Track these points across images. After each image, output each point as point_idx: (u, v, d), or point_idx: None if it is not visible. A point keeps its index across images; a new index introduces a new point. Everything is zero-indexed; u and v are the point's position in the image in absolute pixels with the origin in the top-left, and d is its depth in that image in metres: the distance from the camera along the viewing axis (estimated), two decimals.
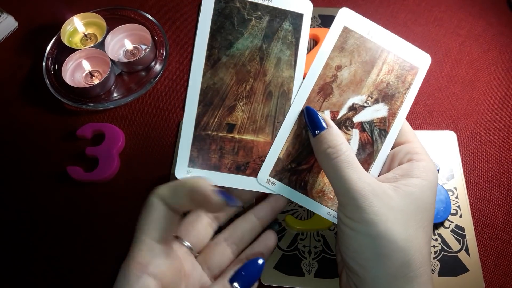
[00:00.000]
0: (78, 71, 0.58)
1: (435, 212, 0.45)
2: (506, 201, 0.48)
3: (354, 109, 0.36)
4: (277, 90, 0.35)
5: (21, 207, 0.51)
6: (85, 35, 0.60)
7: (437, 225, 0.46)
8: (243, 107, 0.35)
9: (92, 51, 0.57)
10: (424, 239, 0.30)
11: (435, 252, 0.45)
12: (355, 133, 0.36)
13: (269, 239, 0.37)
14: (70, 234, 0.49)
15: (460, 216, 0.47)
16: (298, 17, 0.36)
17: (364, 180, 0.30)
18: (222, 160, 0.35)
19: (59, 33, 0.59)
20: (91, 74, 0.57)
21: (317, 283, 0.44)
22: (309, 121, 0.34)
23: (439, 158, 0.49)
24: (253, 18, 0.35)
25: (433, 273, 0.44)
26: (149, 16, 0.61)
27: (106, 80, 0.55)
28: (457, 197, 0.47)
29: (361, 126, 0.36)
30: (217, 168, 0.35)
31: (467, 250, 0.45)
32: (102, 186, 0.51)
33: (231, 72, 0.35)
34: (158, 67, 0.58)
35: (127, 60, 0.57)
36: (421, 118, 0.53)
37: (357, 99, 0.36)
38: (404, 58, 0.36)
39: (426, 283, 0.29)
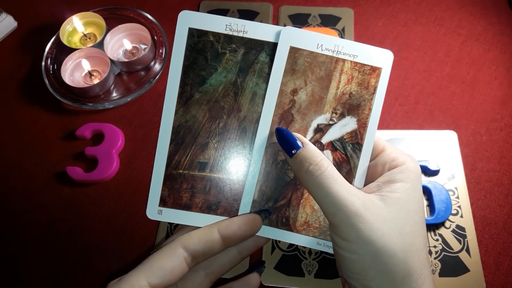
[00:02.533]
0: (77, 71, 0.58)
1: (435, 212, 0.45)
2: (507, 201, 0.47)
3: (320, 130, 0.34)
4: (252, 126, 0.34)
5: (21, 207, 0.51)
6: (85, 35, 0.60)
7: (437, 225, 0.46)
8: (215, 145, 0.34)
9: (91, 50, 0.57)
10: (420, 243, 0.30)
11: (436, 252, 0.45)
12: (327, 154, 0.34)
13: (251, 284, 0.37)
14: (70, 234, 0.49)
15: (461, 216, 0.46)
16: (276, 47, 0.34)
17: (353, 194, 0.29)
18: (193, 199, 0.34)
19: (58, 33, 0.59)
20: (90, 73, 0.57)
21: (318, 283, 0.44)
22: (282, 142, 0.32)
23: (439, 158, 0.49)
24: (228, 51, 0.34)
25: (434, 274, 0.44)
26: (149, 16, 0.61)
27: (106, 80, 0.55)
28: (458, 197, 0.47)
29: (332, 145, 0.34)
30: (187, 207, 0.34)
31: (468, 250, 0.45)
32: (102, 186, 0.51)
33: (204, 109, 0.34)
34: (157, 66, 0.58)
35: (126, 60, 0.57)
36: (421, 118, 0.53)
37: (321, 119, 0.34)
38: (363, 62, 0.34)
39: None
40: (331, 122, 0.34)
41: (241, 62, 0.34)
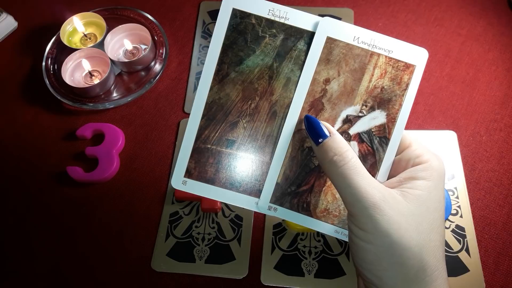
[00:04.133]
0: (77, 71, 0.58)
1: None
2: (507, 201, 0.48)
3: (349, 121, 0.35)
4: (282, 111, 0.35)
5: (21, 207, 0.51)
6: (85, 35, 0.60)
7: None
8: (245, 125, 0.35)
9: (91, 51, 0.57)
10: (437, 241, 0.30)
11: None
12: (353, 145, 0.35)
13: None
14: (70, 234, 0.49)
15: (461, 216, 0.47)
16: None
17: (374, 187, 0.30)
18: (218, 174, 0.35)
19: (59, 33, 0.59)
20: (90, 74, 0.57)
21: (317, 283, 0.44)
22: (310, 130, 0.33)
23: None
24: (267, 35, 0.35)
25: None
26: (149, 16, 0.61)
27: (106, 80, 0.55)
28: (457, 197, 0.47)
29: (359, 137, 0.35)
30: (211, 181, 0.35)
31: (467, 250, 0.45)
32: (102, 186, 0.51)
33: (238, 88, 0.35)
34: (157, 67, 0.58)
35: (126, 60, 0.57)
36: (421, 118, 0.53)
37: (351, 110, 0.34)
38: (398, 58, 0.34)
39: (442, 285, 0.29)
40: (360, 114, 0.35)
41: (279, 48, 0.35)
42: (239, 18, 0.35)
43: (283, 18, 0.34)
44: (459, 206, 0.47)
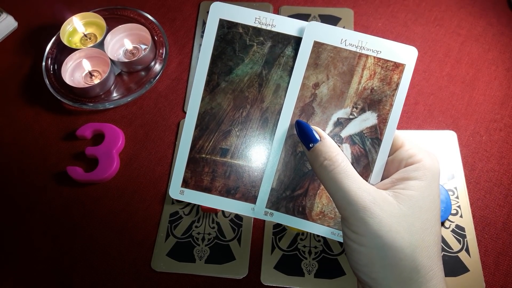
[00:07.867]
0: (77, 71, 0.58)
1: None
2: (507, 201, 0.48)
3: (340, 124, 0.35)
4: (273, 117, 0.35)
5: (21, 207, 0.51)
6: (85, 35, 0.60)
7: None
8: (238, 133, 0.36)
9: (91, 51, 0.57)
10: (431, 241, 0.30)
11: None
12: (346, 147, 0.35)
13: None
14: (70, 233, 0.49)
15: (461, 216, 0.47)
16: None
17: (364, 190, 0.30)
18: (214, 183, 0.36)
19: (59, 33, 0.59)
20: (90, 74, 0.57)
21: (317, 283, 0.44)
22: (301, 135, 0.33)
23: (439, 158, 0.49)
24: (255, 43, 0.35)
25: None
26: (149, 16, 0.61)
27: (106, 80, 0.55)
28: (457, 197, 0.47)
29: (351, 139, 0.35)
30: (208, 190, 0.36)
31: (467, 250, 0.45)
32: (102, 186, 0.51)
33: (229, 97, 0.35)
34: (157, 67, 0.58)
35: (126, 60, 0.57)
36: (421, 118, 0.53)
37: (342, 113, 0.35)
38: (386, 58, 0.34)
39: (437, 285, 0.29)
40: (351, 117, 0.35)
41: (267, 55, 0.35)
42: (227, 28, 0.35)
43: (270, 25, 0.35)
44: (459, 206, 0.47)
